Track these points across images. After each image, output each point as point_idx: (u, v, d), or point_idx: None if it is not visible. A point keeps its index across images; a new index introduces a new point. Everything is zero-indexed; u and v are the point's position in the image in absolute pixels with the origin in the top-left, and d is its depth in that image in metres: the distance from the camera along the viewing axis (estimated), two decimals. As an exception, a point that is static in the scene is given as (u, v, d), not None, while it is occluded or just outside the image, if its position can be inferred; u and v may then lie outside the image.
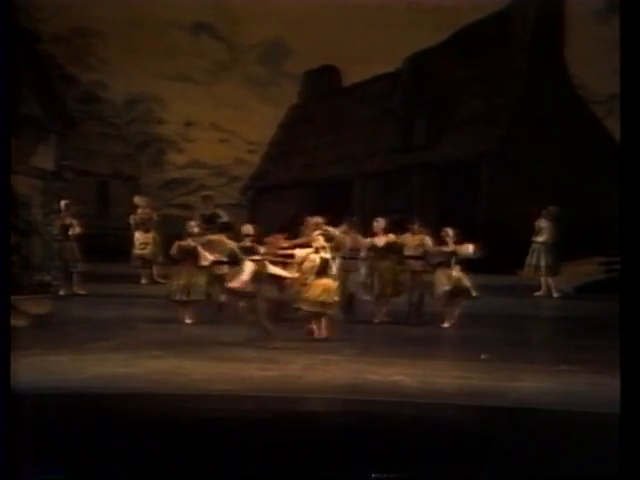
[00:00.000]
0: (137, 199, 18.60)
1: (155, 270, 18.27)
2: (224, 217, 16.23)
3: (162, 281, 17.60)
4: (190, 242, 14.07)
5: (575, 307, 16.85)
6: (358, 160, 24.92)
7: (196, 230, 14.33)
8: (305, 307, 12.66)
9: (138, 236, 18.05)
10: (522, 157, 21.80)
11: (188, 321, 13.93)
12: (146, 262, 18.18)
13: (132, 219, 18.24)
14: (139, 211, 18.34)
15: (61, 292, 16.10)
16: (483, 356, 11.46)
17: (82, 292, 16.81)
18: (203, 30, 24.90)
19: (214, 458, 7.25)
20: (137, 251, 18.11)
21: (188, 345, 11.90)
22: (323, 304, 12.60)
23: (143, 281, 18.21)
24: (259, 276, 12.43)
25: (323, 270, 12.71)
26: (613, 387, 6.87)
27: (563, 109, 22.11)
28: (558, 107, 22.05)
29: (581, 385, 9.79)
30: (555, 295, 17.86)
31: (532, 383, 9.93)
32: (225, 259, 13.85)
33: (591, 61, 21.12)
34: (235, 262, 13.48)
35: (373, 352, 11.90)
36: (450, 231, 14.27)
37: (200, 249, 13.96)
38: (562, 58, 22.64)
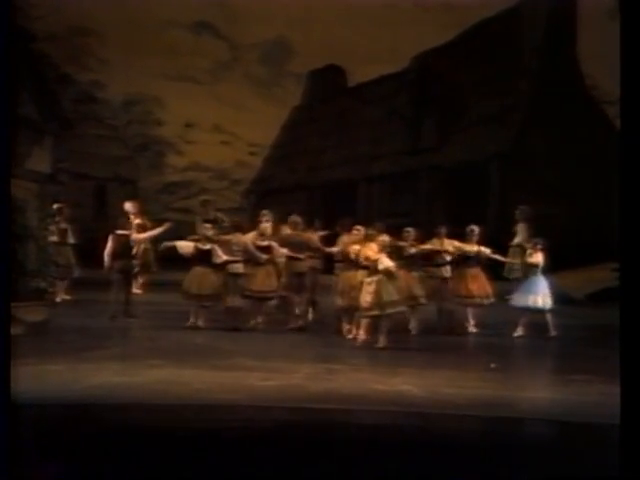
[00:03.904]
0: (127, 205, 17.87)
1: (140, 279, 17.62)
2: (226, 222, 15.88)
3: (139, 292, 17.10)
4: (206, 243, 14.07)
5: (585, 315, 16.56)
6: (364, 162, 24.66)
7: (211, 232, 14.27)
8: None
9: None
10: (533, 159, 21.57)
11: (200, 324, 13.91)
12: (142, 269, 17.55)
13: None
14: (131, 218, 17.59)
15: (57, 299, 15.76)
16: (493, 365, 11.25)
17: (78, 299, 16.35)
18: (204, 29, 24.68)
19: (215, 470, 6.99)
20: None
21: (188, 353, 11.80)
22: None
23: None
24: None
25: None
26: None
27: (575, 110, 21.86)
28: (570, 108, 21.80)
29: (593, 395, 9.49)
30: None
31: (542, 393, 9.89)
32: (239, 258, 13.99)
33: (603, 61, 20.73)
34: (250, 260, 13.86)
35: (379, 361, 11.66)
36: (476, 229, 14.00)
37: (216, 247, 13.94)
38: (574, 58, 22.39)
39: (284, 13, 22.87)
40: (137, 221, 17.11)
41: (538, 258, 13.86)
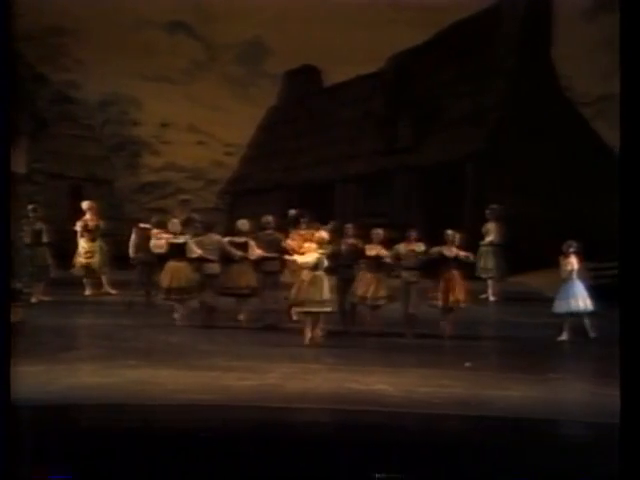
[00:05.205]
0: (85, 204, 17.70)
1: (105, 280, 17.49)
2: (198, 222, 15.83)
3: (113, 292, 17.03)
4: (178, 237, 14.32)
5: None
6: (340, 163, 24.60)
7: (180, 228, 14.54)
8: None
9: (83, 244, 17.26)
10: (509, 159, 21.52)
11: (177, 316, 14.26)
12: (90, 272, 17.34)
13: (78, 226, 17.35)
14: (86, 217, 17.41)
15: (32, 299, 15.69)
16: (467, 364, 11.55)
17: (54, 299, 16.31)
18: (180, 29, 24.50)
19: (192, 469, 7.12)
20: (82, 260, 17.29)
21: (165, 353, 11.83)
22: None
23: (87, 292, 17.32)
24: None
25: None
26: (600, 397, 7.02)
27: (551, 110, 21.88)
28: (546, 108, 21.81)
29: (572, 393, 10.15)
30: (492, 299, 17.74)
31: (517, 392, 10.01)
32: (214, 257, 14.17)
33: (579, 62, 20.87)
34: (225, 258, 14.15)
35: (355, 360, 11.85)
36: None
37: (190, 241, 14.19)
38: (550, 58, 22.36)
39: (260, 13, 22.78)
40: (86, 217, 17.09)
41: (572, 262, 13.87)
